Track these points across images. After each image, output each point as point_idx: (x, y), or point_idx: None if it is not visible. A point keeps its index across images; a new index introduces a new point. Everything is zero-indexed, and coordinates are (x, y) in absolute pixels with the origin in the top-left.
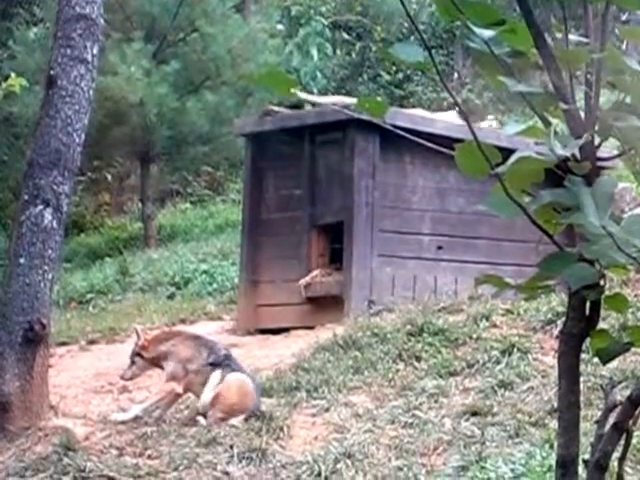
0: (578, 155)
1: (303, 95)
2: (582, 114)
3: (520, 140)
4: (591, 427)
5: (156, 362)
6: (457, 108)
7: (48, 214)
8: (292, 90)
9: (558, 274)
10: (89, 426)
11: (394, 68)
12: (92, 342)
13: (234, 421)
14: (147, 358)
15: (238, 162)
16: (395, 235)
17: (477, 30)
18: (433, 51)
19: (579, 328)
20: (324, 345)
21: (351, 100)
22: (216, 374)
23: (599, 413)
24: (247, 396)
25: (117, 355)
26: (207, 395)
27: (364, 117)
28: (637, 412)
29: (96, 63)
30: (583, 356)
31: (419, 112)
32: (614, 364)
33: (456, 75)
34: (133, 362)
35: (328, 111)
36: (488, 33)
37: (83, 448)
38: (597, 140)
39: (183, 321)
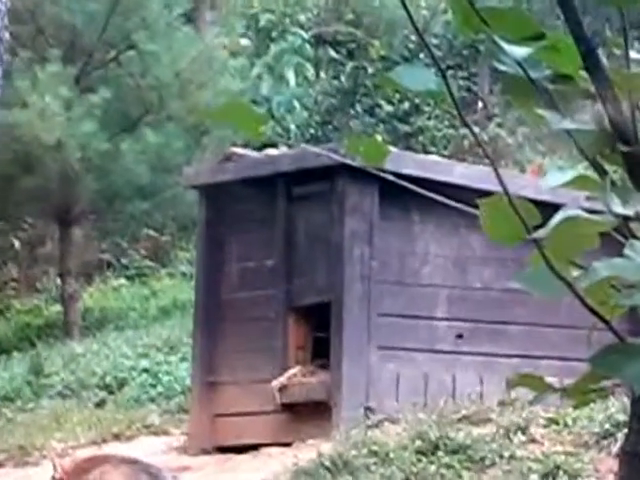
0: None
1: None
2: None
3: (566, 194)
4: None
5: None
6: (481, 149)
7: None
8: (262, 128)
9: (617, 373)
10: None
11: (397, 96)
12: None
13: None
14: None
15: (189, 223)
16: (400, 320)
17: (508, 47)
18: (450, 73)
19: None
20: (305, 468)
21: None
22: None
23: None
24: None
25: None
26: None
27: (357, 163)
28: None
29: None
30: None
31: (430, 156)
32: None
33: (481, 105)
34: None
35: (310, 155)
36: (522, 51)
37: None
38: None
39: (117, 437)
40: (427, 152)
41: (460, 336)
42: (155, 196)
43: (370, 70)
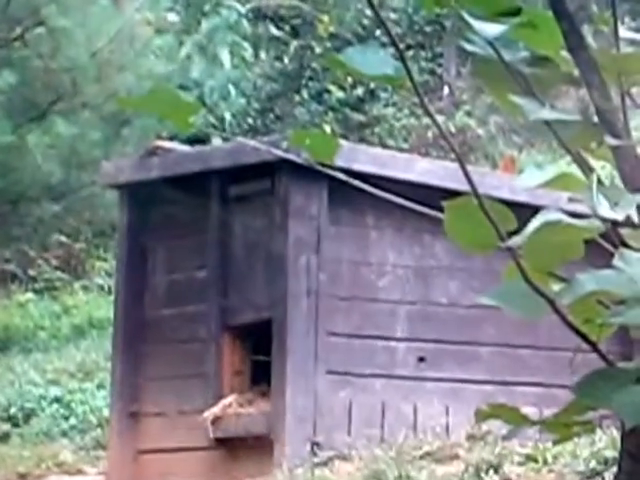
0: (635, 218)
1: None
2: None
3: (546, 194)
4: None
5: None
6: (446, 142)
7: None
8: (192, 118)
9: (605, 402)
10: None
11: (350, 80)
12: None
13: None
14: None
15: (108, 228)
16: (352, 341)
17: (478, 24)
18: (411, 53)
19: None
20: None
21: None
22: None
23: None
24: None
25: None
26: None
27: (303, 159)
28: None
29: None
30: None
31: (388, 150)
32: None
33: (447, 90)
34: None
35: (247, 149)
36: (495, 29)
37: None
38: None
39: (23, 476)
40: (384, 145)
41: (422, 359)
42: (67, 197)
43: (318, 50)
